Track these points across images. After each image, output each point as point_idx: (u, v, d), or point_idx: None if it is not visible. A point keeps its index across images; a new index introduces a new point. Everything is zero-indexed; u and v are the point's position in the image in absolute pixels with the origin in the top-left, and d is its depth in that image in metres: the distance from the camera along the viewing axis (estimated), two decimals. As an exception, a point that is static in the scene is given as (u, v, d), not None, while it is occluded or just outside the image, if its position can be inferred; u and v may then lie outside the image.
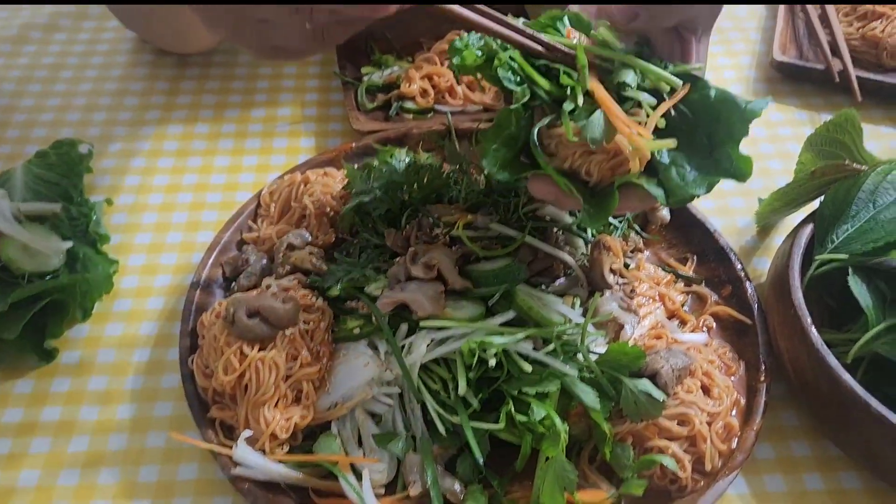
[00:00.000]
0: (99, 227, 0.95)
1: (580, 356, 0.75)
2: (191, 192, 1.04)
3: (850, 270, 0.81)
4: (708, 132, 0.66)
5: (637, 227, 0.94)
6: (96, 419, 0.81)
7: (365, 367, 0.76)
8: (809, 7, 1.27)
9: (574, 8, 0.80)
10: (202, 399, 0.77)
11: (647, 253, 0.95)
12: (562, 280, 0.85)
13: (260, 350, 0.75)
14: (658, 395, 0.72)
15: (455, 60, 0.70)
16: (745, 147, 0.64)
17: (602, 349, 0.78)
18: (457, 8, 0.64)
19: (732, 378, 0.81)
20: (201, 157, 1.08)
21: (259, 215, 0.94)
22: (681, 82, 0.65)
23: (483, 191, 0.89)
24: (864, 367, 0.79)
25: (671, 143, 0.63)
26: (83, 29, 1.30)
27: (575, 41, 0.68)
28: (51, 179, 0.99)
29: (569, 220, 0.88)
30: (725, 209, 1.03)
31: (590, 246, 0.87)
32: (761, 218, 0.99)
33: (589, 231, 0.89)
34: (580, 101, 0.64)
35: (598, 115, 0.63)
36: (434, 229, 0.83)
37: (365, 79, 1.15)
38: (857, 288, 0.79)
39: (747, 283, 0.88)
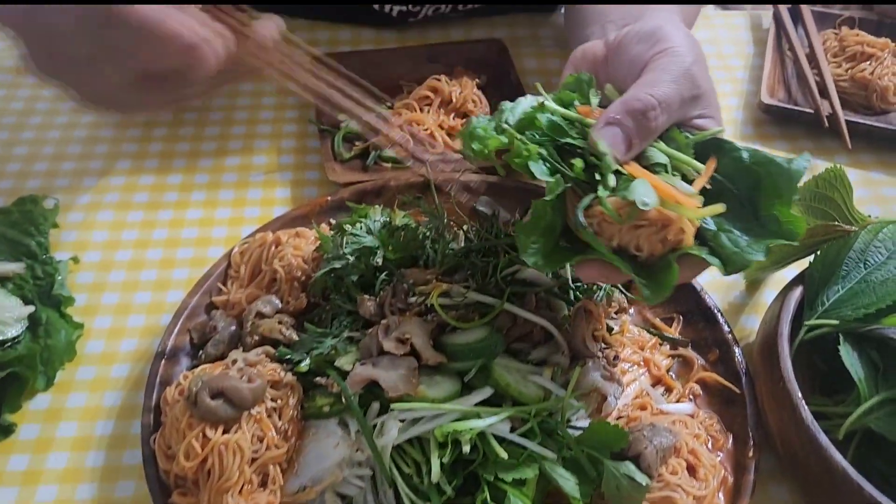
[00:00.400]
0: (63, 289, 0.91)
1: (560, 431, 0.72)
2: (161, 248, 1.00)
3: (841, 338, 0.78)
4: (748, 196, 0.63)
5: (621, 287, 0.91)
6: (54, 500, 0.77)
7: (335, 448, 0.73)
8: (797, 46, 1.24)
9: (577, 56, 0.77)
10: (164, 483, 0.73)
11: (631, 311, 0.92)
12: (542, 346, 0.82)
13: (224, 433, 0.71)
14: (641, 478, 0.69)
15: (475, 146, 0.67)
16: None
17: (584, 422, 0.75)
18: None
19: (720, 453, 0.78)
20: (173, 209, 1.05)
21: (229, 276, 0.91)
22: (702, 166, 0.63)
23: (462, 250, 0.86)
24: (857, 442, 0.76)
25: (720, 208, 0.60)
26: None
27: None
28: (14, 238, 0.95)
29: (549, 281, 0.85)
30: (713, 262, 1.00)
31: (572, 310, 0.84)
32: (749, 275, 0.96)
33: (571, 293, 0.86)
34: (611, 181, 0.61)
35: (639, 182, 0.60)
36: (409, 296, 0.80)
37: (343, 125, 1.12)
38: (849, 358, 0.76)
39: (735, 348, 0.85)
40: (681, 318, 0.91)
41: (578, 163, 0.62)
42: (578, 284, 0.86)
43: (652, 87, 0.64)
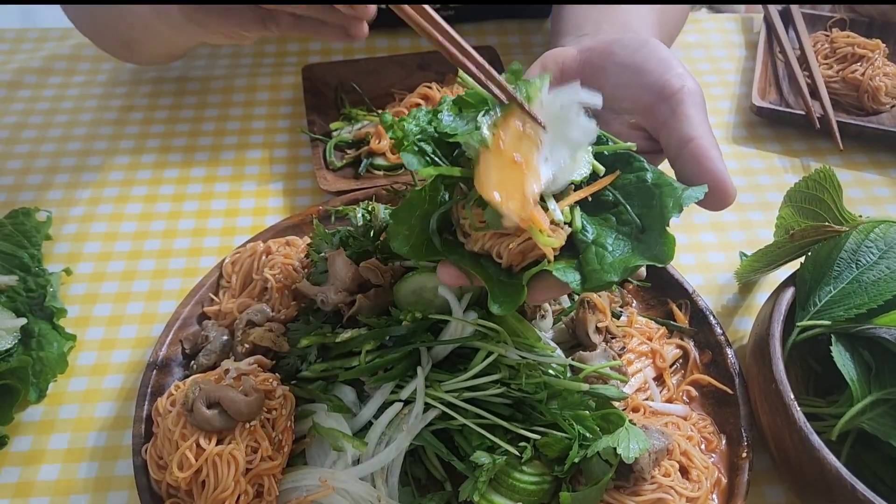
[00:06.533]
0: (55, 301, 0.92)
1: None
2: (153, 259, 1.00)
3: (833, 338, 0.78)
4: (640, 213, 0.62)
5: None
6: (46, 512, 0.77)
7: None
8: (788, 49, 1.25)
9: (548, 58, 0.76)
10: (155, 493, 0.73)
11: (635, 304, 0.91)
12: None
13: (218, 443, 0.71)
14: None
15: (390, 134, 0.66)
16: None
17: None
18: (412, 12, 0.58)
19: (713, 455, 0.78)
20: (165, 220, 1.05)
21: (221, 286, 0.91)
22: (603, 168, 0.63)
23: None
24: (850, 442, 0.76)
25: (557, 242, 0.58)
26: (47, 85, 1.27)
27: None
28: (6, 250, 0.95)
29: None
30: (705, 265, 1.00)
31: (576, 302, 0.84)
32: (742, 277, 0.96)
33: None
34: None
35: None
36: None
37: (334, 134, 1.12)
38: (841, 359, 0.76)
39: (728, 350, 0.85)
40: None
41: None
42: None
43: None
